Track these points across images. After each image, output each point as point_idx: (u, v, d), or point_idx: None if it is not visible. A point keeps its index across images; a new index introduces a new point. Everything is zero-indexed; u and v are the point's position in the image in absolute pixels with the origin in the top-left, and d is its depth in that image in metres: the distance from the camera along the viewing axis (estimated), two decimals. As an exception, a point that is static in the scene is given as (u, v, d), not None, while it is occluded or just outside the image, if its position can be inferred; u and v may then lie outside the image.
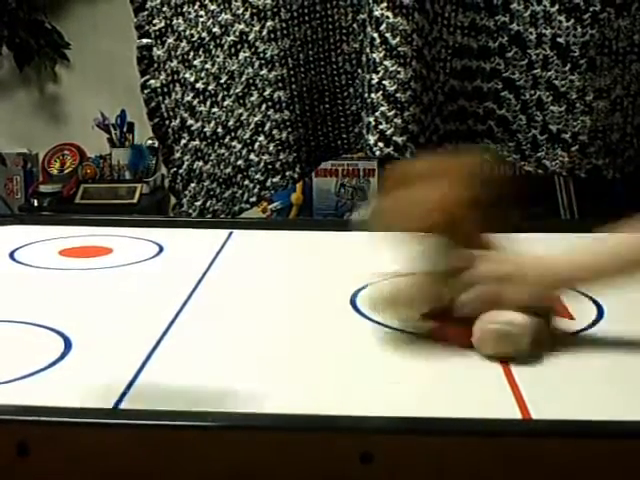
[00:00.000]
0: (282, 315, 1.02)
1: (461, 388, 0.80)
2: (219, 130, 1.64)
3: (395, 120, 1.52)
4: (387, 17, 1.50)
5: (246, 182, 1.68)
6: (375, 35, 1.52)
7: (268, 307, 1.04)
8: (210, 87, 1.63)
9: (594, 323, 0.96)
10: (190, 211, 1.66)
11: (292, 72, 1.64)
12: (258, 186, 1.68)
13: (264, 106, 1.64)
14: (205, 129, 1.64)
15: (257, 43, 1.62)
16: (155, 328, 0.94)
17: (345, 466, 0.68)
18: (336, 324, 0.98)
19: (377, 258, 1.25)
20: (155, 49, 1.60)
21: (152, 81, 1.61)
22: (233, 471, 0.69)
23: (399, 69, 1.51)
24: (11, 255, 1.24)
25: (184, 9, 1.60)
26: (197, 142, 1.64)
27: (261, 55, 1.62)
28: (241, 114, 1.64)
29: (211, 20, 1.61)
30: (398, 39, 1.50)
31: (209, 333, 0.95)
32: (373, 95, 1.54)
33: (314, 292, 1.10)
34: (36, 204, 3.54)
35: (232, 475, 0.69)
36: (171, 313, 0.99)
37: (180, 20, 1.61)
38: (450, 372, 0.84)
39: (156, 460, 0.69)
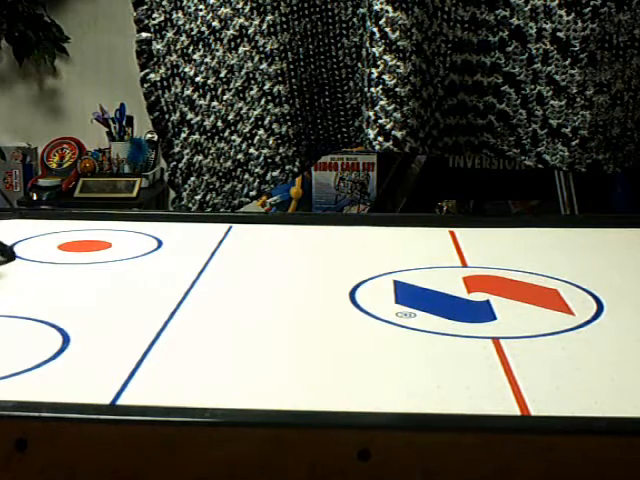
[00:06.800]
0: (281, 309, 1.01)
1: (460, 384, 0.80)
2: (219, 124, 1.64)
3: (394, 114, 1.52)
4: (387, 11, 1.50)
5: (246, 176, 1.67)
6: (375, 29, 1.52)
7: (267, 301, 1.03)
8: (210, 81, 1.62)
9: (594, 318, 0.96)
10: (190, 205, 1.66)
11: (292, 66, 1.63)
12: (258, 180, 1.68)
13: (264, 100, 1.64)
14: (205, 123, 1.63)
15: (257, 37, 1.61)
16: (154, 323, 0.93)
17: (343, 463, 0.68)
18: (335, 319, 0.97)
19: (377, 252, 1.25)
20: (154, 43, 1.60)
21: (152, 75, 1.61)
22: (231, 467, 0.69)
23: (399, 63, 1.51)
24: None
25: (183, 3, 1.60)
26: (197, 136, 1.64)
27: (261, 49, 1.62)
28: (241, 108, 1.64)
29: (211, 14, 1.61)
30: (398, 33, 1.50)
31: (208, 328, 0.95)
32: (373, 89, 1.54)
33: (313, 286, 1.10)
34: (35, 198, 3.55)
35: (230, 471, 0.69)
36: (170, 307, 0.98)
37: (179, 14, 1.60)
38: (449, 368, 0.84)
39: (153, 455, 0.69)
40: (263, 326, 0.95)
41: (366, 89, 1.56)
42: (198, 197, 1.65)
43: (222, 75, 1.62)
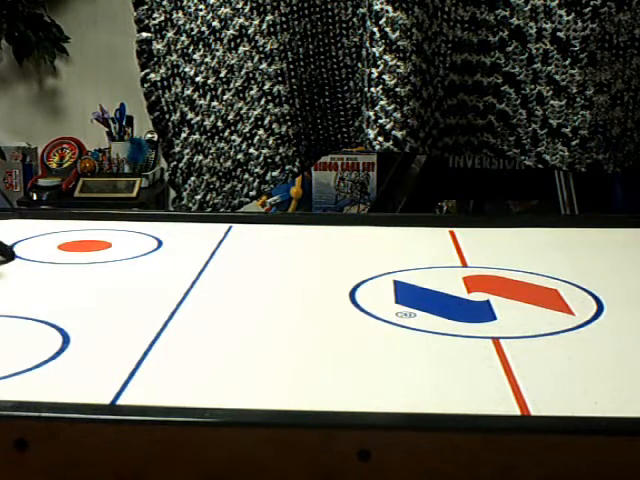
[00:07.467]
0: (281, 309, 1.01)
1: (460, 384, 0.80)
2: (219, 124, 1.64)
3: (394, 114, 1.52)
4: (387, 11, 1.50)
5: (246, 176, 1.67)
6: (375, 29, 1.52)
7: (267, 301, 1.03)
8: (210, 81, 1.62)
9: (594, 318, 0.96)
10: (190, 205, 1.66)
11: (292, 66, 1.63)
12: (258, 180, 1.68)
13: (264, 100, 1.64)
14: (205, 123, 1.64)
15: (257, 37, 1.61)
16: (154, 323, 0.93)
17: (343, 463, 0.68)
18: (335, 319, 0.97)
19: (377, 252, 1.25)
20: (155, 43, 1.60)
21: (152, 75, 1.61)
22: (230, 467, 0.69)
23: (399, 63, 1.51)
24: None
25: (184, 3, 1.60)
26: (197, 136, 1.64)
27: (261, 49, 1.62)
28: (241, 108, 1.64)
29: (211, 14, 1.61)
30: (398, 33, 1.50)
31: (208, 328, 0.95)
32: (373, 89, 1.54)
33: (313, 286, 1.10)
34: (35, 198, 3.55)
35: (230, 471, 0.69)
36: (170, 307, 0.98)
37: (180, 14, 1.60)
38: (449, 368, 0.84)
39: (153, 456, 0.69)
40: (263, 326, 0.95)
41: (366, 89, 1.56)
42: (198, 197, 1.65)
43: (222, 75, 1.62)
